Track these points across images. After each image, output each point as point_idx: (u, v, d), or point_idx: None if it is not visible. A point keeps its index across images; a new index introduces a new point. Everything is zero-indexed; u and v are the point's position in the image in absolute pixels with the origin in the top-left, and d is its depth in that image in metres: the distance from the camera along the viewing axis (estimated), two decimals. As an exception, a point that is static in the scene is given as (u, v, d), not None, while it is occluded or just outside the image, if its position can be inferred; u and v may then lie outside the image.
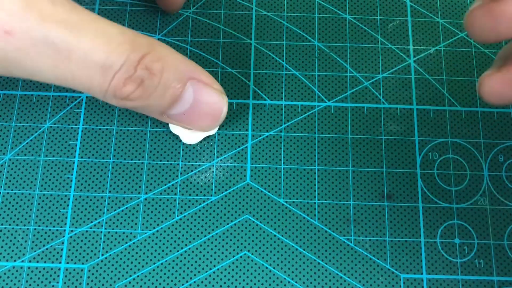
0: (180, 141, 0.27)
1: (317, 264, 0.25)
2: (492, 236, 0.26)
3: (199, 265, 0.25)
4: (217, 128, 0.26)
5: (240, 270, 0.25)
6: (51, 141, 0.27)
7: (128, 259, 0.25)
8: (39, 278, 0.25)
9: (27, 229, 0.25)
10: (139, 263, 0.25)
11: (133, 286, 0.25)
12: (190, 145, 0.27)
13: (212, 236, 0.25)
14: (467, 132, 0.27)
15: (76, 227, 0.25)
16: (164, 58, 0.21)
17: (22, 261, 0.25)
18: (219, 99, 0.24)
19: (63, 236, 0.25)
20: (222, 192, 0.26)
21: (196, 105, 0.23)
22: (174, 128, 0.26)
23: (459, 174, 0.27)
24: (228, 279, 0.25)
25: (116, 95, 0.21)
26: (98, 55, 0.20)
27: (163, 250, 0.25)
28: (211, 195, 0.26)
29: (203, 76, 0.23)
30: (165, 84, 0.21)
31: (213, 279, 0.25)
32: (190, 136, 0.26)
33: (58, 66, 0.20)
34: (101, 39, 0.20)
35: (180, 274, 0.25)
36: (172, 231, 0.25)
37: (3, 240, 0.25)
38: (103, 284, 0.25)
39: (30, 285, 0.24)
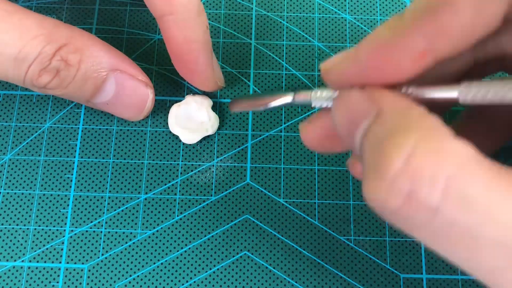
0: (180, 141, 0.27)
1: (317, 264, 0.25)
2: None
3: (199, 265, 0.25)
4: (216, 127, 0.26)
5: (240, 270, 0.25)
6: (51, 141, 0.27)
7: (128, 259, 0.25)
8: (39, 278, 0.25)
9: (27, 229, 0.25)
10: (139, 263, 0.25)
11: (133, 286, 0.25)
12: (190, 145, 0.27)
13: (212, 236, 0.25)
14: (467, 132, 0.27)
15: (76, 227, 0.25)
16: (83, 49, 0.22)
17: (22, 261, 0.25)
18: (143, 90, 0.24)
19: (63, 236, 0.25)
20: (222, 192, 0.26)
21: (119, 95, 0.24)
22: (174, 128, 0.26)
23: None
24: (228, 279, 0.25)
25: (34, 85, 0.22)
26: (11, 49, 0.21)
27: (163, 250, 0.25)
28: (211, 195, 0.26)
29: (127, 67, 0.24)
30: (84, 75, 0.22)
31: (213, 279, 0.25)
32: (189, 136, 0.26)
33: None
34: (16, 32, 0.21)
35: (180, 274, 0.25)
36: (172, 231, 0.25)
37: (3, 240, 0.25)
38: (103, 284, 0.25)
39: (30, 285, 0.24)
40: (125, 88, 0.24)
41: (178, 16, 0.23)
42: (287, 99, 0.20)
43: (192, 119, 0.26)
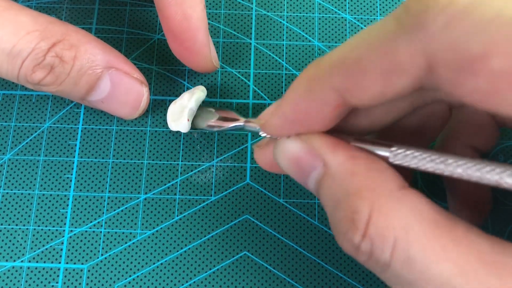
0: (180, 141, 0.27)
1: (317, 264, 0.25)
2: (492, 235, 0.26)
3: (199, 265, 0.25)
4: (193, 112, 0.25)
5: (240, 270, 0.25)
6: (50, 141, 0.27)
7: (128, 259, 0.25)
8: (38, 278, 0.25)
9: (27, 229, 0.25)
10: (139, 263, 0.25)
11: (133, 286, 0.25)
12: (190, 144, 0.27)
13: (212, 236, 0.25)
14: (467, 132, 0.27)
15: (75, 227, 0.25)
16: (78, 46, 0.22)
17: (22, 261, 0.25)
18: (138, 88, 0.24)
19: (63, 236, 0.25)
20: (222, 192, 0.26)
21: (114, 93, 0.24)
22: (171, 124, 0.25)
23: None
24: (228, 279, 0.25)
25: (28, 81, 0.22)
26: (5, 44, 0.21)
27: (163, 250, 0.25)
28: (211, 195, 0.26)
29: (123, 65, 0.24)
30: (78, 72, 0.22)
31: (213, 279, 0.25)
32: (177, 125, 0.25)
33: None
34: (10, 28, 0.21)
35: (180, 274, 0.25)
36: (172, 231, 0.25)
37: (2, 240, 0.25)
38: (102, 284, 0.25)
39: (29, 285, 0.24)
40: (120, 85, 0.24)
41: None
42: (238, 123, 0.23)
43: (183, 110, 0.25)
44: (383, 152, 0.18)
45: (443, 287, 0.14)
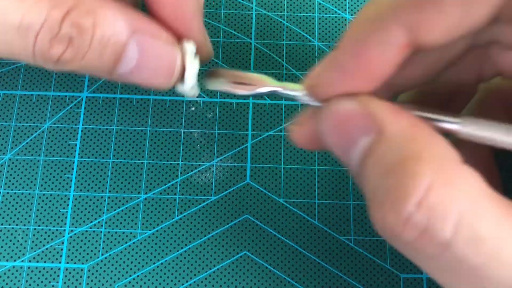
0: (180, 140, 0.27)
1: (317, 264, 0.25)
2: None
3: (199, 265, 0.25)
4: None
5: (240, 270, 0.25)
6: (51, 141, 0.27)
7: (128, 259, 0.25)
8: (39, 278, 0.25)
9: (27, 229, 0.25)
10: (139, 263, 0.25)
11: (133, 286, 0.25)
12: (189, 144, 0.26)
13: (212, 236, 0.25)
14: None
15: (76, 227, 0.25)
16: (96, 11, 0.19)
17: (22, 261, 0.25)
18: (169, 50, 0.21)
19: (63, 236, 0.25)
20: (222, 192, 0.26)
21: (144, 60, 0.20)
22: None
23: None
24: (228, 279, 0.25)
25: (46, 58, 0.18)
26: (12, 16, 0.17)
27: (163, 250, 0.25)
28: (211, 195, 0.26)
29: (148, 27, 0.20)
30: (101, 40, 0.19)
31: (213, 279, 0.25)
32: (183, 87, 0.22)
33: None
34: None
35: (180, 274, 0.25)
36: (172, 231, 0.25)
37: (3, 240, 0.25)
38: (103, 284, 0.25)
39: (30, 285, 0.24)
40: (149, 50, 0.20)
41: None
42: (274, 89, 0.19)
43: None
44: (449, 123, 0.16)
45: None
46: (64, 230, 0.25)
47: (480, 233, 0.13)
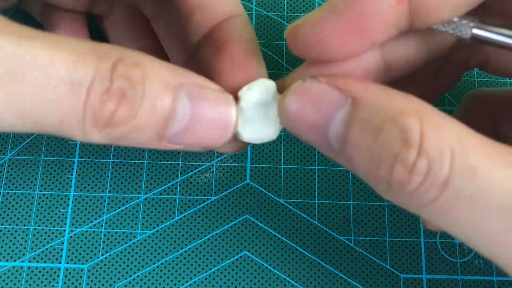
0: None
1: (317, 264, 0.25)
2: None
3: (199, 265, 0.25)
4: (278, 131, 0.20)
5: (240, 270, 0.25)
6: (51, 141, 0.27)
7: (128, 259, 0.25)
8: (39, 278, 0.25)
9: (27, 229, 0.25)
10: (139, 263, 0.25)
11: (133, 286, 0.25)
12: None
13: (212, 236, 0.25)
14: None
15: (76, 227, 0.25)
16: (143, 62, 0.16)
17: (22, 261, 0.25)
18: (222, 101, 0.18)
19: (63, 236, 0.25)
20: (222, 192, 0.26)
21: (197, 115, 0.17)
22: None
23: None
24: (228, 279, 0.25)
25: (98, 120, 0.16)
26: (59, 69, 0.15)
27: (163, 250, 0.25)
28: (211, 195, 0.26)
29: (194, 78, 0.18)
30: (151, 95, 0.16)
31: (213, 279, 0.25)
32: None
33: (12, 92, 0.15)
34: (60, 50, 0.15)
35: (180, 274, 0.25)
36: (172, 231, 0.25)
37: (3, 240, 0.25)
38: (103, 284, 0.25)
39: (30, 285, 0.24)
40: (202, 103, 0.17)
41: None
42: None
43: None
44: (464, 26, 0.16)
45: None
46: (64, 230, 0.25)
47: (472, 163, 0.14)
